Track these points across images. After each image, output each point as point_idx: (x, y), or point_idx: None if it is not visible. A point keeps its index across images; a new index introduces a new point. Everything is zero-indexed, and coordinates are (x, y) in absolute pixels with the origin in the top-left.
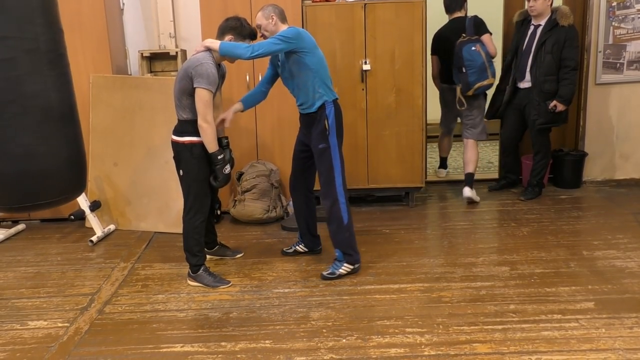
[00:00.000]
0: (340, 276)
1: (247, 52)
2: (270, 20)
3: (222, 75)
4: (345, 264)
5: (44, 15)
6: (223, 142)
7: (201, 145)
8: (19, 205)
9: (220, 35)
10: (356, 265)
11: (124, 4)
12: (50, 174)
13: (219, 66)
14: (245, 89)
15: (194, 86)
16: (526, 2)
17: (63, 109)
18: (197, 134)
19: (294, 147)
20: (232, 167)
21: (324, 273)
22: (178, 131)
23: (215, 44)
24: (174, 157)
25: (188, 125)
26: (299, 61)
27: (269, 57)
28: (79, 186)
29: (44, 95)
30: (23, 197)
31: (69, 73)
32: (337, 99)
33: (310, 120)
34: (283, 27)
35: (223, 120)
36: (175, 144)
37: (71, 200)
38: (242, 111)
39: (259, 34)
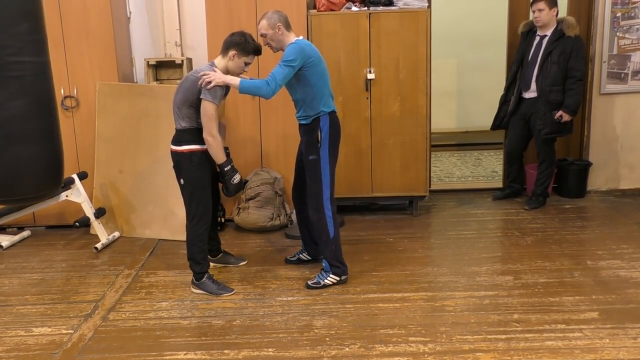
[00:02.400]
0: (325, 286)
1: (270, 92)
2: (277, 30)
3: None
4: (331, 275)
5: None
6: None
7: (200, 153)
8: None
9: (225, 50)
10: (343, 277)
11: (130, 12)
12: None
13: None
14: (251, 96)
15: (200, 97)
16: (531, 13)
17: None
18: (196, 142)
19: (296, 157)
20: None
21: (309, 282)
22: (176, 140)
23: (234, 81)
24: (174, 167)
25: (186, 134)
26: (300, 75)
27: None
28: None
29: None
30: None
31: None
32: (333, 111)
33: (305, 131)
34: (290, 37)
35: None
36: (174, 154)
37: None
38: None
39: (264, 44)
